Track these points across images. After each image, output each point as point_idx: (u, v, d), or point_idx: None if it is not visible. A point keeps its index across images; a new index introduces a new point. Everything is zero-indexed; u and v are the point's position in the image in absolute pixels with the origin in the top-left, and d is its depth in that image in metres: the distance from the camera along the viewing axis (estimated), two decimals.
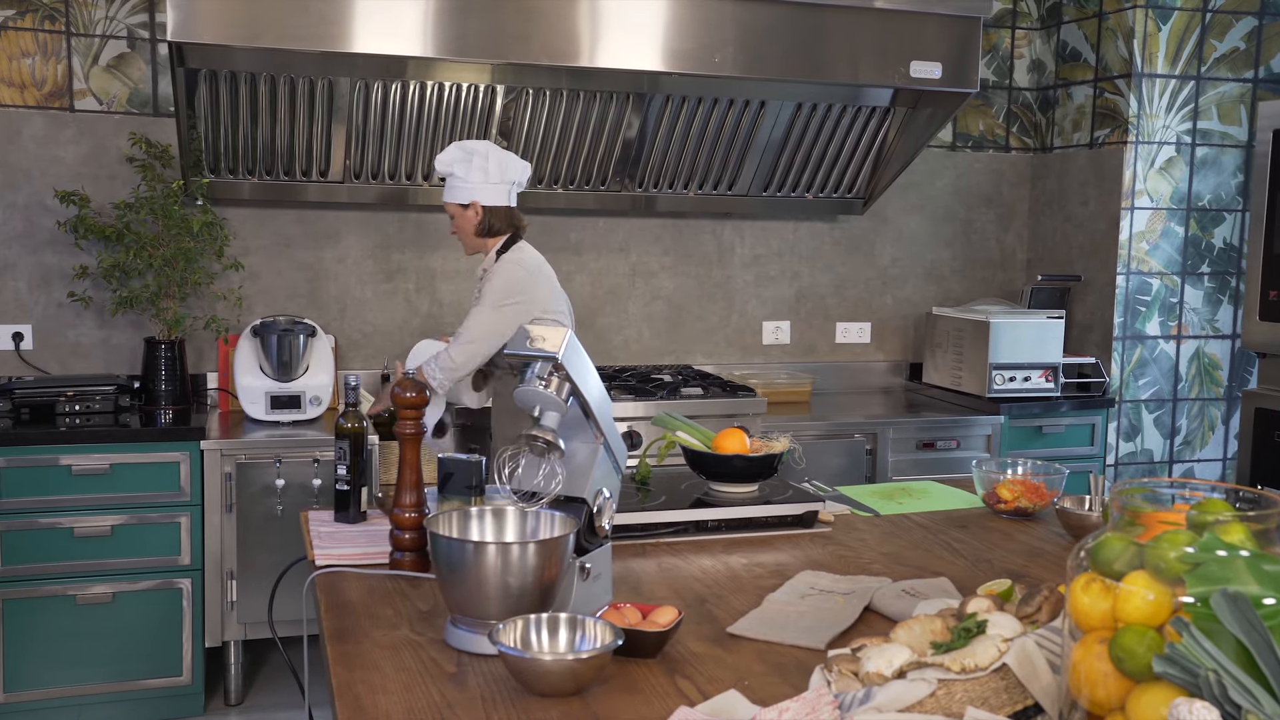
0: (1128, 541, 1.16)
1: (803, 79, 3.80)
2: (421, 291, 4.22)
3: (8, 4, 3.76)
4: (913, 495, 2.64)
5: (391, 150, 3.90)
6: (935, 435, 4.08)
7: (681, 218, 4.46)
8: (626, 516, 2.24)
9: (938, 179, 4.77)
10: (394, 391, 2.03)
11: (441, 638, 1.71)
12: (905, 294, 4.78)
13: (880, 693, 1.26)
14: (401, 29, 3.39)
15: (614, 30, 3.56)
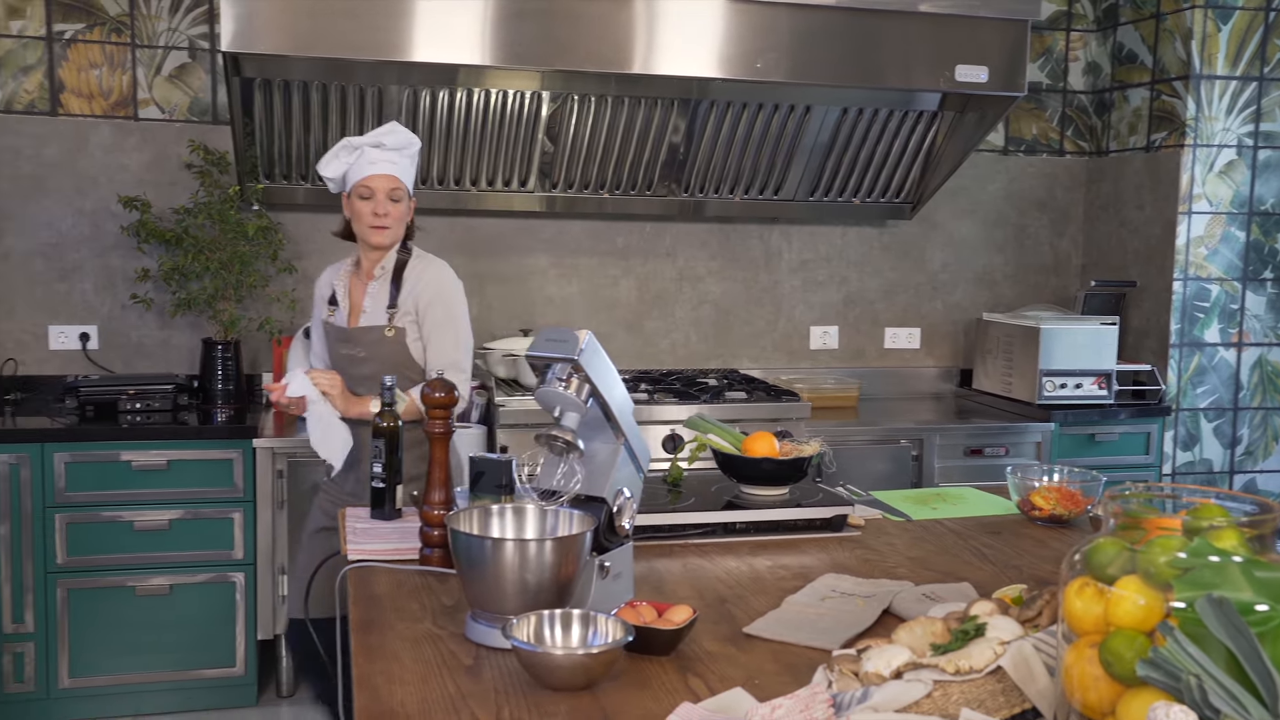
0: (1121, 546, 1.16)
1: (849, 84, 3.80)
2: (470, 295, 4.26)
3: (77, 18, 3.89)
4: (948, 500, 2.63)
5: (440, 156, 3.96)
6: (983, 442, 4.04)
7: (728, 222, 4.47)
8: (654, 517, 2.27)
9: (989, 183, 4.73)
10: (424, 392, 2.08)
11: (462, 632, 1.75)
12: (955, 299, 4.75)
13: (877, 693, 1.27)
14: (455, 38, 3.45)
15: (664, 37, 3.59)
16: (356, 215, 2.83)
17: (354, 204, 2.83)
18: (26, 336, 3.93)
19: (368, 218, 2.81)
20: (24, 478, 3.41)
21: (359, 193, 2.80)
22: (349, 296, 2.91)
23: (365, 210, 2.80)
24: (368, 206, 2.80)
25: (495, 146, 3.97)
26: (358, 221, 2.84)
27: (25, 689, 3.48)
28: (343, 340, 2.87)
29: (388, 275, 2.87)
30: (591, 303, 4.39)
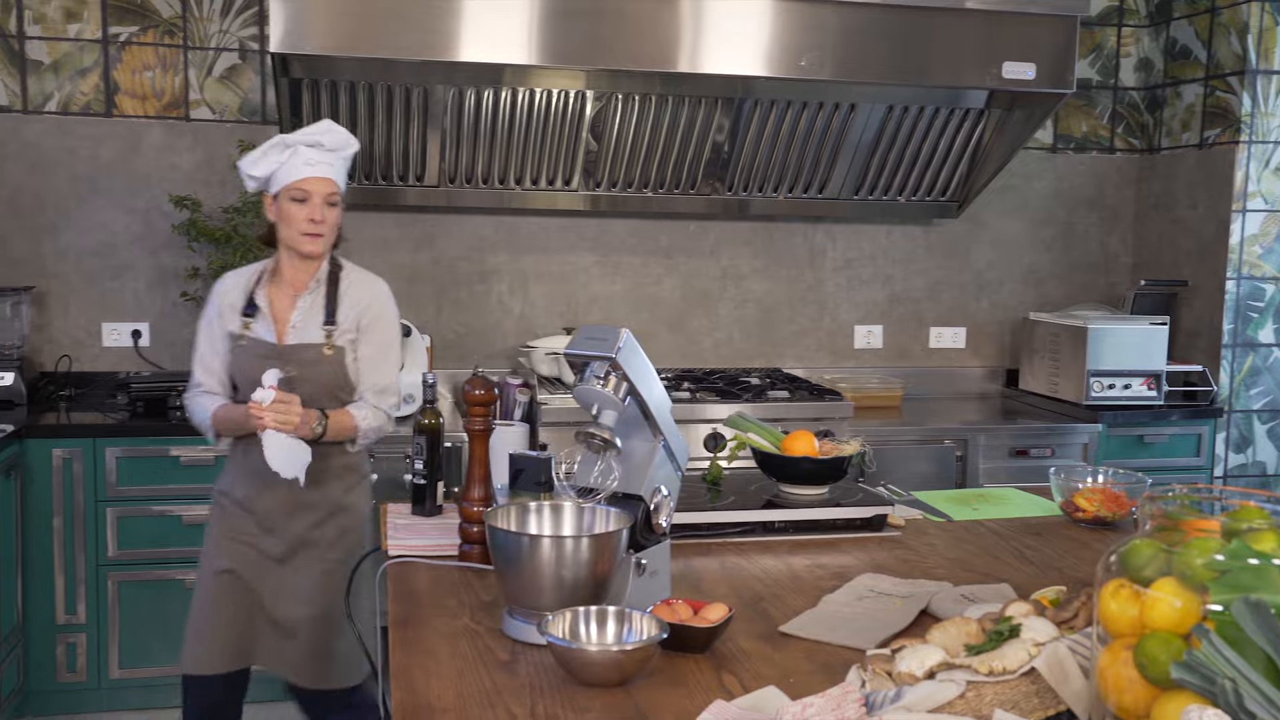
0: (1157, 548, 1.14)
1: (895, 81, 3.78)
2: (515, 293, 4.31)
3: (132, 21, 3.96)
4: (990, 501, 2.61)
5: (485, 155, 3.99)
6: (1029, 443, 4.00)
7: (772, 221, 4.46)
8: (693, 516, 2.27)
9: (1036, 181, 4.68)
10: (464, 389, 2.09)
11: (499, 628, 1.76)
12: (1002, 298, 4.70)
13: (910, 692, 1.26)
14: (501, 37, 3.48)
15: (709, 35, 3.59)
16: (287, 220, 2.55)
17: (284, 208, 2.55)
18: (80, 334, 4.01)
19: (301, 224, 2.54)
20: (76, 472, 3.48)
21: (291, 195, 2.53)
22: (271, 309, 2.61)
23: (298, 215, 2.53)
24: (301, 211, 2.53)
25: (539, 145, 3.99)
26: (287, 226, 2.56)
27: (77, 679, 3.55)
28: (268, 357, 2.56)
29: (322, 288, 2.62)
30: (634, 301, 4.40)
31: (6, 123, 3.93)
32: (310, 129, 2.59)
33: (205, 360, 2.66)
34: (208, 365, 2.65)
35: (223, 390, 2.65)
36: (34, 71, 3.93)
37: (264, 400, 2.41)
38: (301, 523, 2.62)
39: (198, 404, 2.66)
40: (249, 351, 2.59)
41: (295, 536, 2.61)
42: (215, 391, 2.65)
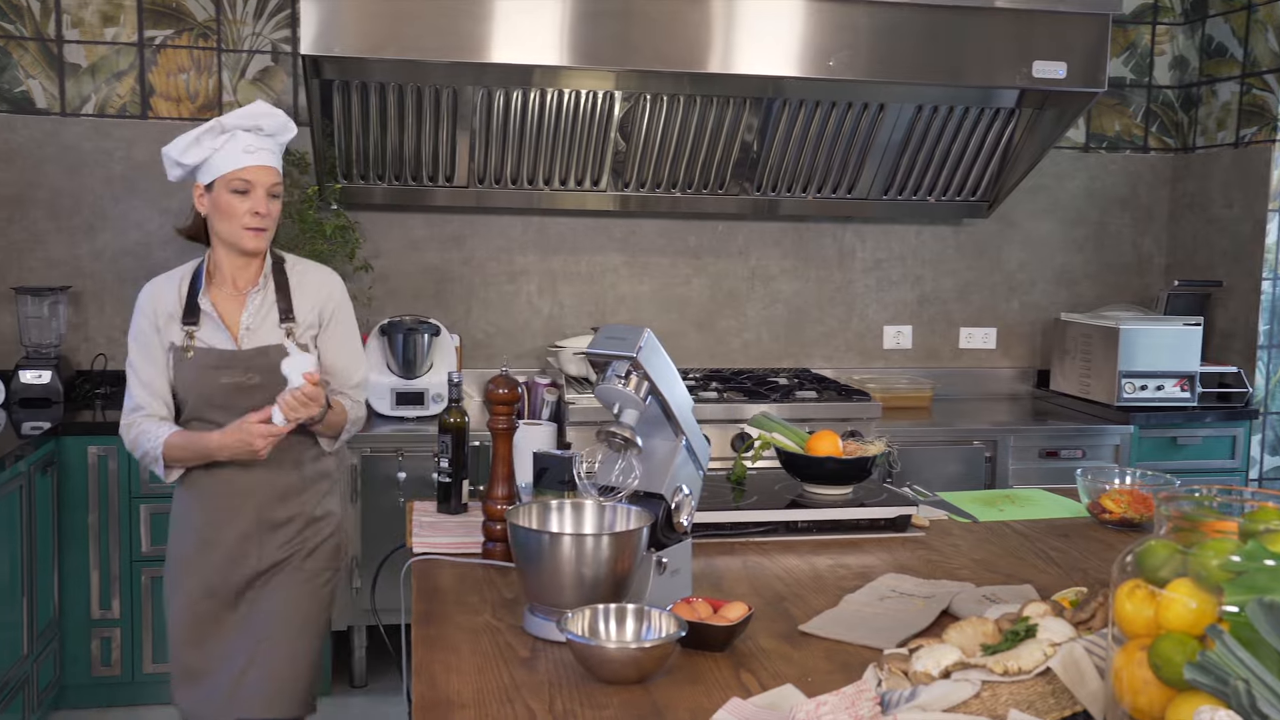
0: (1173, 549, 1.14)
1: (925, 81, 3.77)
2: (543, 293, 4.33)
3: (167, 24, 4.02)
4: (1016, 502, 2.59)
5: (514, 155, 4.01)
6: (1059, 444, 3.97)
7: (801, 221, 4.45)
8: (716, 515, 2.27)
9: (1069, 181, 4.64)
10: (487, 388, 2.11)
11: (521, 625, 1.77)
12: (1033, 299, 4.67)
13: (925, 692, 1.26)
14: (531, 38, 3.49)
15: (739, 36, 3.60)
16: (225, 213, 2.29)
17: (221, 199, 2.29)
18: (116, 333, 4.06)
19: (243, 217, 2.28)
20: (111, 469, 3.53)
21: (231, 186, 2.27)
22: (217, 312, 2.36)
23: (240, 208, 2.28)
24: (243, 204, 2.28)
25: (568, 146, 4.00)
26: (226, 220, 2.30)
27: (111, 672, 3.59)
28: (225, 366, 2.33)
29: (270, 283, 2.39)
30: (663, 301, 4.41)
31: (45, 125, 3.99)
32: (247, 111, 2.32)
33: (145, 379, 2.35)
34: (149, 384, 2.34)
35: (168, 411, 2.36)
36: (71, 75, 3.99)
37: (280, 423, 2.23)
38: (273, 545, 2.40)
39: (143, 432, 2.33)
40: (198, 363, 2.32)
41: (269, 557, 2.39)
42: (160, 415, 2.35)
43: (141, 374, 2.36)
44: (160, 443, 2.31)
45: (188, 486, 2.40)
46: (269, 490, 2.38)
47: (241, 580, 2.39)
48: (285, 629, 2.38)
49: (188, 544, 2.41)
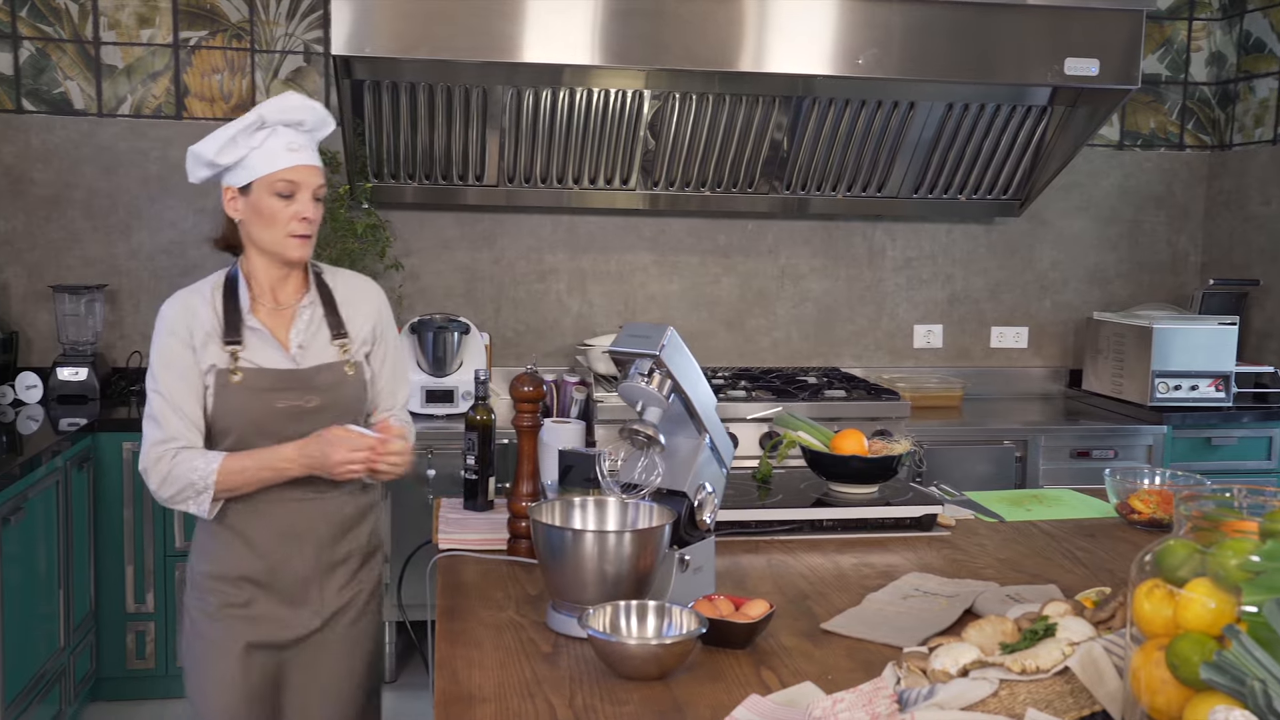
0: (1192, 549, 1.13)
1: (955, 79, 3.75)
2: (573, 292, 4.34)
3: (201, 25, 4.07)
4: (1044, 502, 2.58)
5: (544, 154, 4.02)
6: (1091, 444, 3.94)
7: (831, 220, 4.44)
8: (741, 513, 2.28)
9: (1102, 179, 4.60)
10: (512, 386, 2.12)
11: (544, 621, 1.78)
12: (1065, 298, 4.63)
13: (943, 690, 1.26)
14: (563, 38, 3.51)
15: (769, 35, 3.59)
16: (267, 219, 2.03)
17: (262, 203, 2.02)
18: (151, 331, 4.09)
19: (288, 223, 2.02)
20: None
21: (273, 188, 2.01)
22: (266, 329, 2.09)
23: (284, 213, 2.02)
24: (287, 208, 2.02)
25: (598, 145, 4.01)
26: (267, 227, 2.03)
27: (146, 665, 3.65)
28: (282, 388, 2.06)
29: (317, 296, 2.14)
30: (692, 300, 4.41)
31: (82, 126, 4.05)
32: (286, 103, 2.06)
33: (179, 405, 2.01)
34: (183, 411, 2.02)
35: (201, 441, 2.04)
36: (108, 76, 4.04)
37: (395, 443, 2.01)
38: (333, 588, 2.14)
39: (182, 464, 1.99)
40: (248, 386, 2.04)
41: (330, 602, 2.14)
42: (196, 445, 2.03)
43: (174, 399, 2.01)
44: (213, 470, 1.98)
45: (228, 523, 2.07)
46: (329, 524, 2.12)
47: (302, 631, 2.11)
48: (352, 684, 2.18)
49: (229, 593, 2.08)
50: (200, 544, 2.14)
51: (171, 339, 2.06)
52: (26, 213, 4.03)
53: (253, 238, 2.08)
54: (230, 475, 2.01)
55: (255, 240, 2.08)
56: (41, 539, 3.14)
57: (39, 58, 3.99)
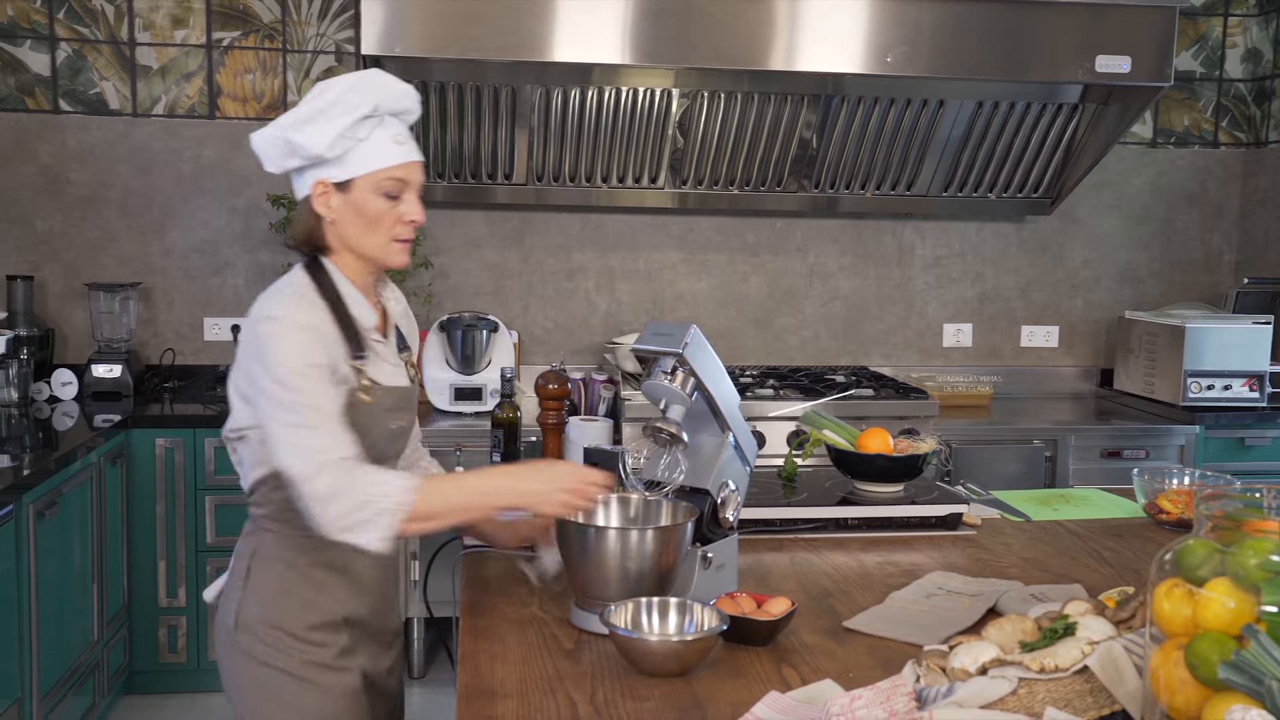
0: (1212, 548, 1.13)
1: (985, 77, 3.73)
2: (601, 290, 4.36)
3: (234, 26, 4.11)
4: (1071, 502, 2.56)
5: (572, 153, 4.04)
6: (1122, 444, 3.91)
7: (860, 218, 4.43)
8: (765, 511, 2.28)
9: (1135, 177, 4.56)
10: (536, 383, 2.14)
11: (567, 617, 1.79)
12: (1097, 297, 4.60)
13: (962, 688, 1.26)
14: (593, 37, 3.52)
15: (800, 33, 3.59)
16: (371, 220, 1.78)
17: (366, 203, 1.77)
18: (184, 328, 4.17)
19: (393, 226, 1.80)
20: (178, 461, 3.62)
21: (381, 188, 1.77)
22: (384, 343, 1.90)
23: (389, 215, 1.79)
24: (393, 209, 1.79)
25: (626, 143, 4.02)
26: (370, 230, 1.79)
27: (178, 659, 3.69)
28: (400, 408, 1.89)
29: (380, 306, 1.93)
30: (721, 298, 4.41)
31: (117, 126, 4.10)
32: (391, 87, 1.81)
33: (337, 416, 1.72)
34: (341, 421, 1.73)
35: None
36: (143, 76, 4.09)
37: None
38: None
39: (367, 476, 1.68)
40: (380, 407, 1.83)
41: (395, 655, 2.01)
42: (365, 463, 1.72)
43: (329, 409, 1.71)
44: (411, 490, 1.67)
45: (328, 559, 1.82)
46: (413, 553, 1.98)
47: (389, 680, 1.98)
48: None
49: (329, 642, 1.84)
50: (272, 588, 1.81)
51: (317, 348, 1.73)
52: (63, 212, 4.09)
53: (348, 240, 1.80)
54: (432, 499, 1.70)
55: (351, 243, 1.81)
56: (76, 533, 3.19)
57: (75, 59, 4.05)
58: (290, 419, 1.69)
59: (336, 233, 1.80)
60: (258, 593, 1.82)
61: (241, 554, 1.86)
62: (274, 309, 1.75)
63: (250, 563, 1.83)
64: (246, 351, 1.76)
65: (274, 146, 1.81)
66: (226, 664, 1.87)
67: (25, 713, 2.84)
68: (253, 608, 1.81)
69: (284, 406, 1.69)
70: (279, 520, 1.81)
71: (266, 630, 1.80)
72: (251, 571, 1.83)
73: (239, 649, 1.82)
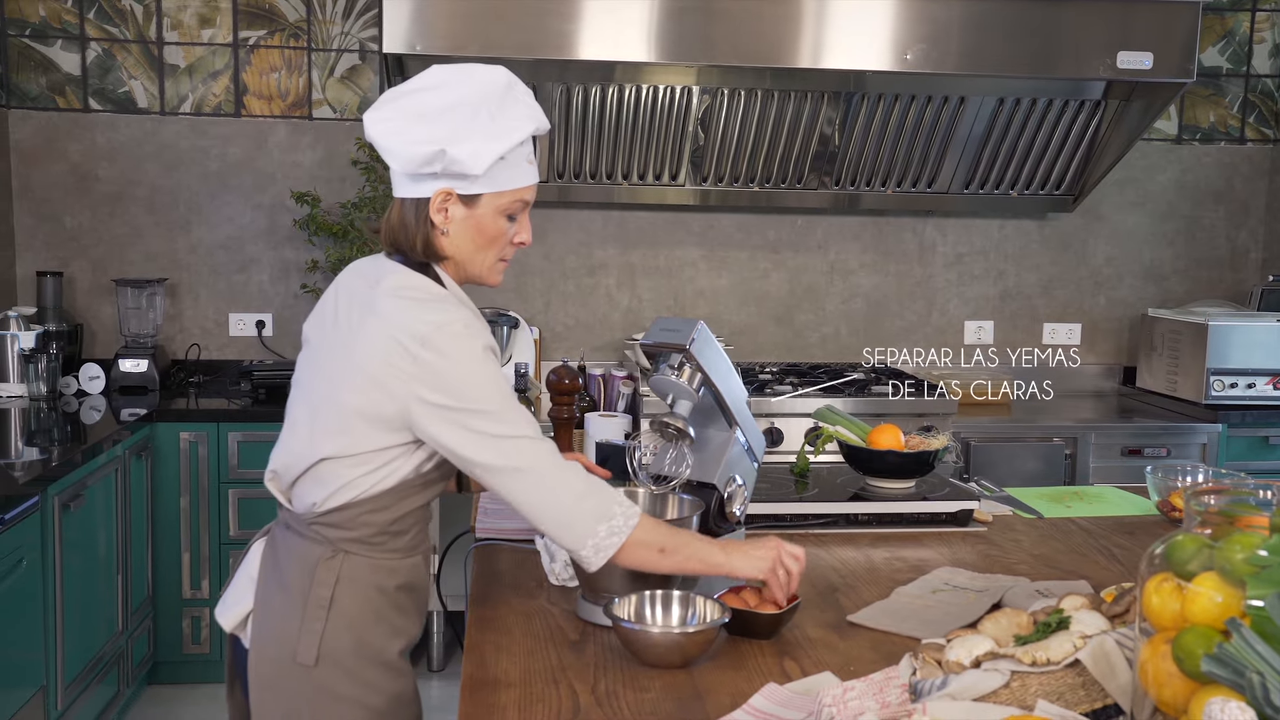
0: (1201, 543, 1.13)
1: (1006, 74, 3.71)
2: (622, 287, 4.38)
3: (260, 25, 4.16)
4: (1085, 499, 2.56)
5: (592, 150, 4.06)
6: (1143, 442, 3.89)
7: (881, 215, 4.43)
8: (776, 506, 2.29)
9: (1159, 174, 4.53)
10: (548, 378, 2.16)
11: (574, 609, 1.81)
12: (1120, 294, 4.57)
13: (955, 681, 1.27)
14: (618, 36, 3.53)
15: (824, 31, 3.59)
16: (489, 239, 1.70)
17: (488, 221, 1.69)
18: (209, 324, 4.23)
19: (506, 248, 1.75)
20: (202, 455, 3.67)
21: (508, 209, 1.70)
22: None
23: (505, 235, 1.72)
24: (509, 231, 1.73)
25: (647, 140, 4.04)
26: (486, 248, 1.71)
27: (201, 650, 3.74)
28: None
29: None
30: (741, 295, 4.42)
31: (146, 124, 4.16)
32: (519, 96, 1.71)
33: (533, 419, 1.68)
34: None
35: None
36: (170, 75, 4.15)
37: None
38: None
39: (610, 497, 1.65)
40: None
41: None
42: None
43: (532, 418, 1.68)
44: (637, 515, 1.63)
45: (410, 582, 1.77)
46: None
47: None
48: None
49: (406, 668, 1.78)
50: (364, 615, 1.70)
51: (488, 355, 1.65)
52: (92, 209, 4.15)
53: (455, 253, 1.70)
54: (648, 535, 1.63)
55: (458, 257, 1.71)
56: (101, 525, 3.24)
57: (105, 58, 4.11)
58: (500, 430, 1.60)
59: (444, 243, 1.69)
60: (348, 620, 1.68)
61: (323, 583, 1.68)
62: (447, 322, 1.61)
63: (333, 591, 1.67)
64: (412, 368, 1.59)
65: (417, 147, 1.62)
66: (290, 704, 1.68)
67: (50, 701, 2.90)
68: (343, 639, 1.67)
69: (489, 420, 1.59)
70: (369, 543, 1.70)
71: (357, 662, 1.68)
72: (337, 600, 1.67)
73: (314, 686, 1.67)
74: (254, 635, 1.73)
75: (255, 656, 1.71)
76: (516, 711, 1.45)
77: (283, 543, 1.76)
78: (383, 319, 1.63)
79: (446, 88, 1.65)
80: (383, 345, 1.61)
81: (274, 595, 1.72)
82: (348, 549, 1.70)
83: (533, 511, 1.62)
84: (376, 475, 1.67)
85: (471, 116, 1.63)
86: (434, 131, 1.62)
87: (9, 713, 2.67)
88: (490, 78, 1.67)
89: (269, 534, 1.83)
